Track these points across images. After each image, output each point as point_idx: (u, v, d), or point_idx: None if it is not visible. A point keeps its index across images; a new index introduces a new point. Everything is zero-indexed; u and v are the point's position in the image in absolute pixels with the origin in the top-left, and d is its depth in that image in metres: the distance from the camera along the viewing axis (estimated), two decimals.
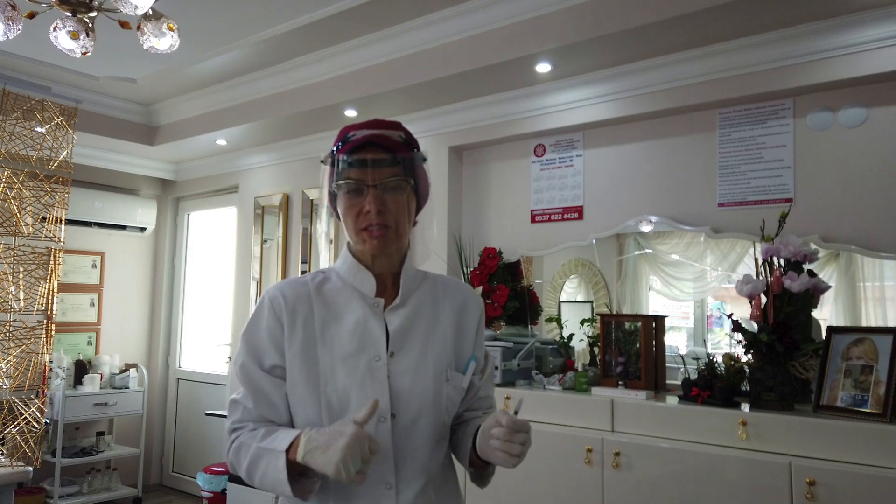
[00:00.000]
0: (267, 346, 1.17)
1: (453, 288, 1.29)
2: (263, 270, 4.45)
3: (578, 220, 3.13)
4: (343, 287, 1.21)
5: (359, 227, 1.15)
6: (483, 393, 1.29)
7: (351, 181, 1.13)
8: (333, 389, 1.12)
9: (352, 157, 1.12)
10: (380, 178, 1.12)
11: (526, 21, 2.70)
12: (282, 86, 3.63)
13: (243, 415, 1.17)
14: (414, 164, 1.16)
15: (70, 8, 1.96)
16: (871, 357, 2.09)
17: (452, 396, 1.20)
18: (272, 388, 1.16)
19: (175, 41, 2.06)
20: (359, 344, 1.15)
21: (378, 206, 1.12)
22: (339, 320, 1.17)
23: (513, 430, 1.07)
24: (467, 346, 1.26)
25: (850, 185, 2.46)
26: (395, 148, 1.14)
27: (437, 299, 1.25)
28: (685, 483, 2.20)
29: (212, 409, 4.50)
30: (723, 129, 2.75)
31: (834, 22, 2.34)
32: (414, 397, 1.15)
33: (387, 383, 1.13)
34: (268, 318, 1.17)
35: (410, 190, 1.17)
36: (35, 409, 3.34)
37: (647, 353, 2.54)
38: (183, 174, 5.09)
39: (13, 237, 3.33)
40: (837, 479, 1.93)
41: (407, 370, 1.16)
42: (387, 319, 1.18)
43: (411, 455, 1.14)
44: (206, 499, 4.01)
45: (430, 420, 1.16)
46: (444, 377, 1.19)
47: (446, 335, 1.22)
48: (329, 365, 1.14)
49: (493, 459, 1.11)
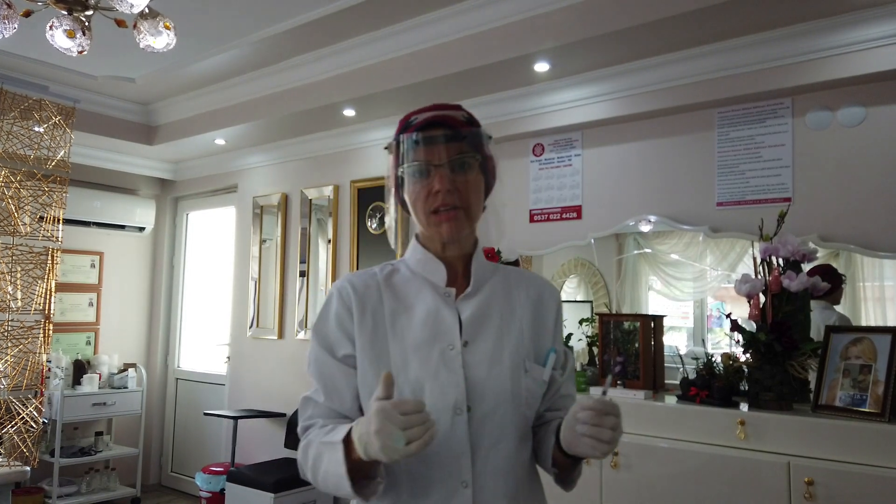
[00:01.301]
0: (338, 335, 1.13)
1: (528, 279, 1.23)
2: (262, 270, 4.45)
3: (577, 220, 3.13)
4: (412, 278, 1.17)
5: (427, 210, 1.10)
6: (565, 391, 1.21)
7: (417, 163, 1.09)
8: (406, 381, 1.07)
9: (416, 136, 1.09)
10: (446, 155, 1.08)
11: (524, 20, 2.70)
12: (280, 85, 3.62)
13: (314, 411, 1.13)
14: (480, 141, 1.13)
15: (66, 6, 1.96)
16: (870, 357, 2.09)
17: (533, 389, 1.13)
18: (343, 379, 1.12)
19: (171, 40, 2.06)
20: (431, 333, 1.10)
21: (447, 186, 1.08)
22: (410, 311, 1.13)
23: (601, 412, 0.98)
24: (545, 338, 1.19)
25: (849, 185, 2.46)
26: (459, 125, 1.11)
27: (510, 289, 1.19)
28: (684, 483, 2.19)
29: (210, 408, 4.50)
30: (721, 128, 2.75)
31: (832, 21, 2.33)
32: (490, 388, 1.08)
33: (462, 373, 1.07)
34: (336, 307, 1.14)
35: (479, 168, 1.13)
36: (32, 408, 3.33)
37: (646, 352, 2.53)
38: (182, 174, 5.09)
39: (11, 237, 3.32)
40: (836, 478, 1.93)
41: (482, 360, 1.10)
42: (459, 308, 1.13)
43: (489, 451, 1.07)
44: (204, 499, 4.01)
45: (509, 413, 1.09)
46: (523, 368, 1.12)
47: (522, 325, 1.16)
48: (400, 356, 1.09)
49: (579, 450, 1.02)
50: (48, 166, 3.45)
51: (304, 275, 4.20)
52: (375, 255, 3.83)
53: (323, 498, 3.69)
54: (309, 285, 4.17)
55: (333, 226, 4.07)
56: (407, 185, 1.12)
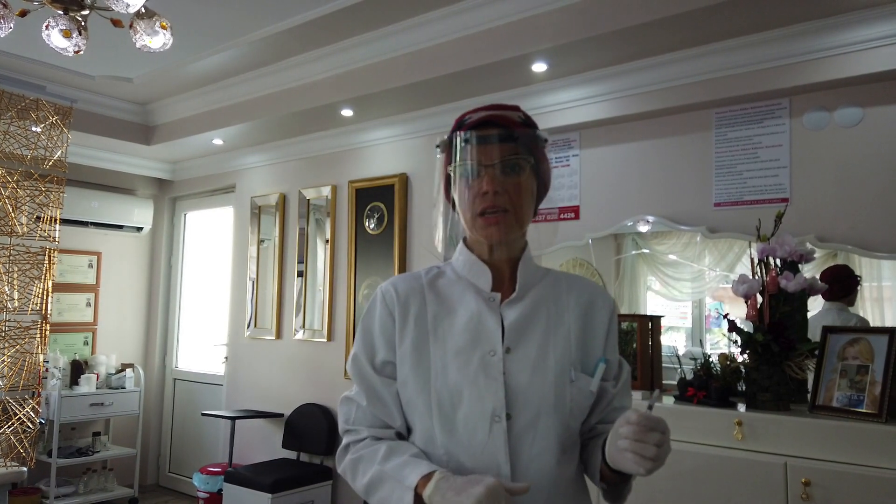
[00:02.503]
0: (379, 340, 1.13)
1: (579, 284, 1.19)
2: (260, 270, 4.44)
3: (575, 220, 3.13)
4: (457, 281, 1.15)
5: (475, 212, 1.07)
6: (618, 403, 1.16)
7: (467, 162, 1.07)
8: (444, 385, 1.06)
9: (468, 135, 1.07)
10: (497, 156, 1.06)
11: (522, 20, 2.69)
12: (278, 85, 3.62)
13: (357, 413, 1.13)
14: (535, 143, 1.10)
15: (62, 6, 1.95)
16: (867, 357, 2.09)
17: (578, 400, 1.09)
18: (383, 388, 1.11)
19: (168, 39, 2.05)
20: (472, 338, 1.08)
21: (495, 187, 1.05)
22: (453, 314, 1.11)
23: (645, 427, 0.93)
24: (596, 348, 1.14)
25: (847, 185, 2.46)
26: (514, 126, 1.08)
27: (559, 295, 1.15)
28: (681, 483, 2.19)
29: (208, 409, 4.50)
30: (719, 128, 2.75)
31: (830, 21, 2.33)
32: (532, 396, 1.05)
33: (502, 380, 1.05)
34: (380, 311, 1.14)
35: (531, 171, 1.10)
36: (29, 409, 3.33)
37: (644, 353, 2.53)
38: (179, 174, 5.08)
39: (8, 237, 3.32)
40: (833, 479, 1.93)
41: (524, 367, 1.06)
42: (503, 314, 1.10)
43: (530, 461, 1.04)
44: (202, 499, 4.00)
45: (553, 423, 1.05)
46: (569, 377, 1.08)
47: (570, 333, 1.12)
48: (440, 360, 1.08)
49: (622, 465, 0.97)
50: (45, 166, 3.44)
51: (302, 275, 4.20)
52: (374, 256, 3.83)
53: (321, 499, 3.69)
54: (307, 286, 4.16)
55: (331, 226, 4.06)
56: (456, 184, 1.10)
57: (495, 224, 1.07)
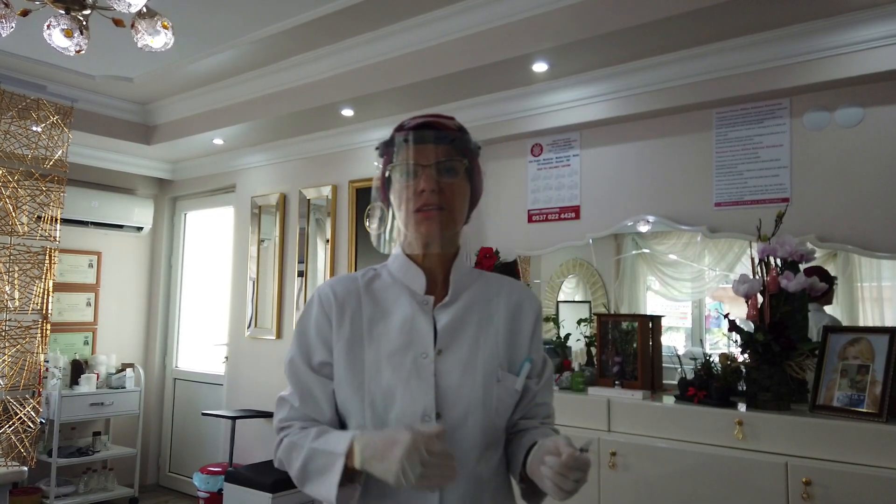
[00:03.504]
0: (315, 342, 1.16)
1: (508, 287, 1.24)
2: (260, 270, 4.45)
3: (575, 220, 3.13)
4: (393, 284, 1.19)
5: (411, 209, 1.12)
6: (540, 399, 1.23)
7: (405, 162, 1.12)
8: (377, 386, 1.10)
9: (406, 136, 1.12)
10: (434, 157, 1.11)
11: (522, 20, 2.69)
12: (278, 85, 3.62)
13: (290, 413, 1.17)
14: (468, 148, 1.16)
15: (63, 6, 1.96)
16: (868, 357, 2.09)
17: (504, 398, 1.14)
18: (318, 388, 1.15)
19: (169, 39, 2.05)
20: (405, 341, 1.13)
21: (432, 186, 1.10)
22: (387, 317, 1.15)
23: (570, 466, 0.99)
24: (521, 348, 1.20)
25: (847, 185, 2.46)
26: (450, 131, 1.15)
27: (490, 297, 1.21)
28: (682, 483, 2.19)
29: (208, 408, 4.50)
30: (719, 128, 2.75)
31: (830, 21, 2.34)
32: (461, 397, 1.10)
33: (433, 381, 1.10)
34: (317, 314, 1.17)
35: (465, 174, 1.15)
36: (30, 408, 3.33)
37: (644, 352, 2.53)
38: (180, 174, 5.08)
39: (8, 236, 3.32)
40: (834, 478, 1.93)
41: (454, 368, 1.12)
42: (436, 317, 1.15)
43: (457, 456, 1.07)
44: (202, 499, 4.00)
45: (479, 421, 1.11)
46: (495, 377, 1.14)
47: (498, 335, 1.17)
48: (374, 362, 1.12)
49: (540, 485, 1.06)
50: (46, 166, 3.44)
51: (303, 275, 4.20)
52: (374, 256, 3.83)
53: None
54: (307, 285, 4.16)
55: (332, 226, 4.07)
56: (394, 184, 1.15)
57: (429, 219, 1.11)
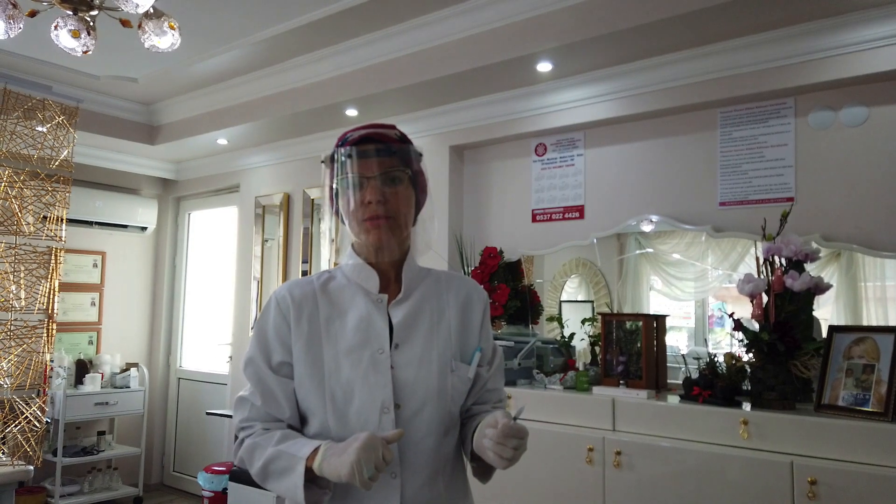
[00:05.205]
0: (274, 343, 1.21)
1: (457, 282, 1.32)
2: (264, 270, 4.45)
3: (579, 220, 3.13)
4: (347, 284, 1.24)
5: (360, 219, 1.18)
6: (491, 385, 1.31)
7: (350, 175, 1.17)
8: (337, 382, 1.16)
9: (350, 150, 1.18)
10: (378, 169, 1.17)
11: (527, 20, 2.70)
12: (282, 85, 3.62)
13: (251, 412, 1.20)
14: (410, 157, 1.22)
15: (71, 6, 1.96)
16: (873, 356, 2.09)
17: (458, 387, 1.22)
18: (278, 387, 1.19)
19: (176, 40, 2.06)
20: (363, 338, 1.18)
21: (378, 196, 1.16)
22: (344, 316, 1.21)
23: (506, 434, 1.07)
24: (472, 338, 1.28)
25: (852, 185, 2.46)
26: (391, 142, 1.20)
27: (440, 293, 1.28)
28: (686, 482, 2.19)
29: (213, 408, 4.51)
30: (724, 128, 2.75)
31: (835, 21, 2.34)
32: (418, 388, 1.17)
33: (390, 375, 1.16)
34: (274, 316, 1.22)
35: (409, 181, 1.21)
36: (36, 408, 3.34)
37: (648, 352, 2.53)
38: (184, 174, 5.09)
39: (14, 236, 3.33)
40: (839, 478, 1.93)
41: (411, 362, 1.18)
42: (391, 314, 1.21)
43: (417, 445, 1.16)
44: (207, 498, 4.01)
45: (436, 410, 1.17)
46: (450, 368, 1.21)
47: (451, 327, 1.25)
48: (333, 359, 1.17)
49: (484, 458, 1.13)
50: (51, 166, 3.46)
51: (307, 275, 4.20)
52: None
53: None
54: None
55: (336, 225, 4.06)
56: (341, 195, 1.20)
57: (377, 229, 1.17)
